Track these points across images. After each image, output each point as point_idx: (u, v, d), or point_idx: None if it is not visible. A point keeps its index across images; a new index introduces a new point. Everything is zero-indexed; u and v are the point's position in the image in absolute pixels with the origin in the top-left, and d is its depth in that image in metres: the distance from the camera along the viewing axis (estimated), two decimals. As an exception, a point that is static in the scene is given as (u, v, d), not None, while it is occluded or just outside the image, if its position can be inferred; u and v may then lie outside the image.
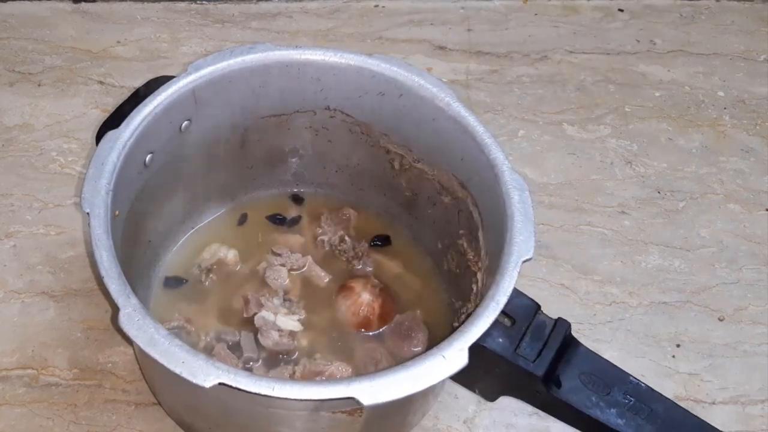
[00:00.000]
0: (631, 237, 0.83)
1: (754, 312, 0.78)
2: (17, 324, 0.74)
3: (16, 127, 0.89)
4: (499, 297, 0.53)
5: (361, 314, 0.69)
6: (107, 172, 0.57)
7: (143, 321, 0.51)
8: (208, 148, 0.70)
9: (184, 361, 0.49)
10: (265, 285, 0.71)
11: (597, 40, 1.04)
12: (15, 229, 0.80)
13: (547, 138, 0.92)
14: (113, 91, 0.93)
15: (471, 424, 0.70)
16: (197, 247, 0.74)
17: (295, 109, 0.70)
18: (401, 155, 0.70)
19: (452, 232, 0.68)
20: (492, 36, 1.03)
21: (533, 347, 0.54)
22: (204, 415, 0.63)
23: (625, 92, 0.97)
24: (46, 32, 0.99)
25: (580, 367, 0.55)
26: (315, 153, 0.75)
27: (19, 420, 0.68)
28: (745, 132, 0.94)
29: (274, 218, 0.77)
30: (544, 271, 0.80)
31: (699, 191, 0.88)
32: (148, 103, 0.61)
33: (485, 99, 0.95)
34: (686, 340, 0.76)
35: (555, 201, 0.86)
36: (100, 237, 0.54)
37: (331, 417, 0.55)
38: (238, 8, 1.04)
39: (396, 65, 0.65)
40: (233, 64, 0.65)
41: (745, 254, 0.83)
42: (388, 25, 1.03)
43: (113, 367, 0.71)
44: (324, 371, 0.65)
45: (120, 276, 0.53)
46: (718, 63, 1.02)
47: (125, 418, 0.68)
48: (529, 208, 0.57)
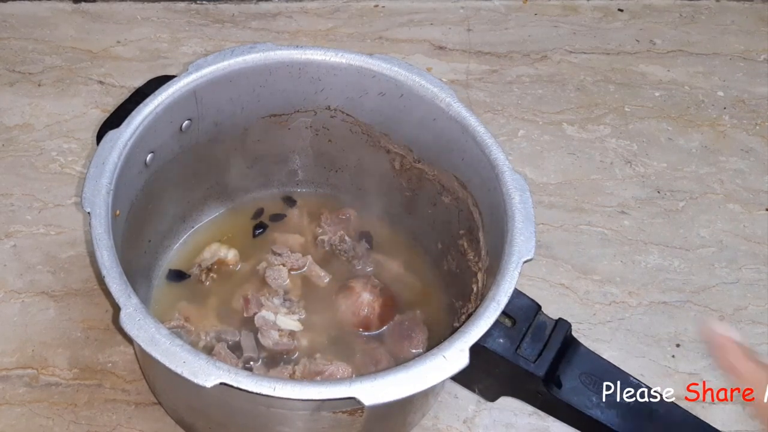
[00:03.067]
0: (630, 237, 0.83)
1: (754, 312, 0.78)
2: (17, 324, 0.74)
3: (16, 127, 0.89)
4: (499, 297, 0.53)
5: (362, 314, 0.69)
6: (108, 172, 0.57)
7: (144, 320, 0.51)
8: (208, 148, 0.70)
9: (185, 361, 0.49)
10: (266, 285, 0.71)
11: (597, 40, 1.04)
12: (15, 229, 0.80)
13: (546, 138, 0.92)
14: (113, 91, 0.93)
15: (471, 424, 0.70)
16: (197, 247, 0.74)
17: (296, 109, 0.70)
18: (402, 155, 0.70)
19: (453, 232, 0.68)
20: (492, 36, 1.03)
21: (534, 348, 0.54)
22: (205, 415, 0.63)
23: (624, 92, 0.97)
24: (46, 32, 0.99)
25: (580, 367, 0.55)
26: (315, 153, 0.75)
27: (19, 420, 0.68)
28: (745, 132, 0.94)
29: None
30: (544, 270, 0.80)
31: (699, 191, 0.88)
32: (148, 102, 0.61)
33: (485, 99, 0.95)
34: (686, 340, 0.76)
35: (555, 201, 0.86)
36: (101, 236, 0.54)
37: (332, 417, 0.55)
38: (238, 8, 1.04)
39: (397, 65, 0.65)
40: (234, 64, 0.65)
41: (745, 254, 0.83)
42: (388, 25, 1.03)
43: (113, 367, 0.71)
44: (324, 371, 0.65)
45: (121, 275, 0.53)
46: (717, 63, 1.02)
47: (125, 418, 0.68)
48: (530, 208, 0.57)
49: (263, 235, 0.75)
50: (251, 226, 0.76)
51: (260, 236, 0.75)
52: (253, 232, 0.76)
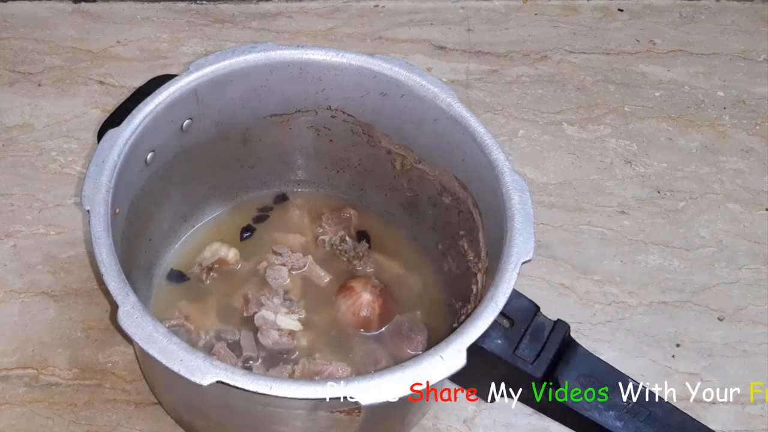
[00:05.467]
0: (630, 237, 0.83)
1: (754, 312, 0.78)
2: (17, 324, 0.74)
3: (16, 127, 0.89)
4: (498, 298, 0.53)
5: (361, 314, 0.69)
6: (108, 170, 0.57)
7: (142, 318, 0.51)
8: (209, 147, 0.70)
9: (183, 359, 0.49)
10: (266, 284, 0.72)
11: (597, 40, 1.04)
12: (15, 229, 0.80)
13: (546, 138, 0.92)
14: (113, 91, 0.93)
15: (471, 424, 0.70)
16: (198, 246, 0.74)
17: (297, 109, 0.70)
18: (402, 156, 0.70)
19: (453, 232, 0.68)
20: (492, 36, 1.03)
21: (532, 349, 0.54)
22: (203, 414, 0.63)
23: (624, 92, 0.97)
24: (46, 32, 0.99)
25: (578, 369, 0.55)
26: (316, 153, 0.75)
27: (19, 420, 0.68)
28: (745, 132, 0.94)
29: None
30: (543, 270, 0.80)
31: (699, 191, 0.88)
32: (149, 101, 0.61)
33: (485, 99, 0.95)
34: (686, 340, 0.76)
35: (555, 201, 0.86)
36: (100, 235, 0.54)
37: (330, 416, 0.55)
38: (238, 8, 1.04)
39: (398, 65, 0.65)
40: (235, 63, 0.65)
41: (745, 254, 0.83)
42: (388, 25, 1.03)
43: (113, 367, 0.71)
44: (323, 371, 0.65)
45: (119, 274, 0.53)
46: (717, 63, 1.02)
47: (125, 418, 0.68)
48: (530, 209, 0.57)
49: (251, 238, 0.76)
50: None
51: (247, 239, 0.75)
52: (240, 235, 0.76)
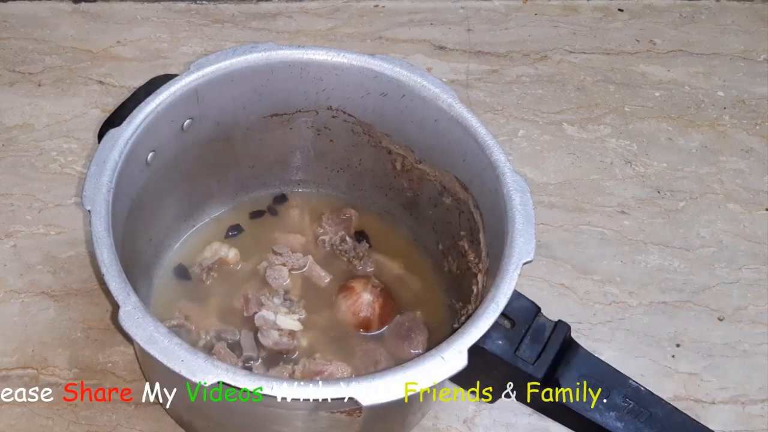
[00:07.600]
0: (630, 237, 0.83)
1: (754, 312, 0.78)
2: (17, 324, 0.74)
3: (16, 127, 0.89)
4: (498, 299, 0.53)
5: (362, 314, 0.69)
6: (109, 170, 0.57)
7: (143, 319, 0.51)
8: (209, 147, 0.70)
9: (184, 360, 0.49)
10: (266, 284, 0.72)
11: (597, 40, 1.04)
12: (15, 229, 0.80)
13: (547, 138, 0.92)
14: (113, 91, 0.93)
15: (471, 424, 0.70)
16: (199, 246, 0.74)
17: (297, 109, 0.70)
18: (403, 156, 0.70)
19: (453, 233, 0.68)
20: (492, 36, 1.03)
21: (533, 349, 0.54)
22: (203, 414, 0.63)
23: (624, 92, 0.97)
24: (46, 32, 0.99)
25: (579, 369, 0.55)
26: (317, 153, 0.75)
27: (19, 419, 0.68)
28: (745, 132, 0.94)
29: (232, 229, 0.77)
30: (543, 270, 0.80)
31: (699, 191, 0.88)
32: (150, 101, 0.61)
33: (485, 99, 0.95)
34: (686, 340, 0.76)
35: (555, 201, 0.86)
36: (102, 235, 0.54)
37: (330, 417, 0.55)
38: (238, 8, 1.04)
39: (398, 66, 0.65)
40: (236, 63, 0.65)
41: (745, 254, 0.83)
42: (388, 25, 1.03)
43: (113, 367, 0.71)
44: (323, 371, 0.65)
45: (120, 273, 0.53)
46: (718, 63, 1.02)
47: (125, 418, 0.68)
48: (530, 210, 0.57)
49: (236, 237, 0.76)
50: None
51: (232, 237, 0.75)
52: (226, 233, 0.76)
